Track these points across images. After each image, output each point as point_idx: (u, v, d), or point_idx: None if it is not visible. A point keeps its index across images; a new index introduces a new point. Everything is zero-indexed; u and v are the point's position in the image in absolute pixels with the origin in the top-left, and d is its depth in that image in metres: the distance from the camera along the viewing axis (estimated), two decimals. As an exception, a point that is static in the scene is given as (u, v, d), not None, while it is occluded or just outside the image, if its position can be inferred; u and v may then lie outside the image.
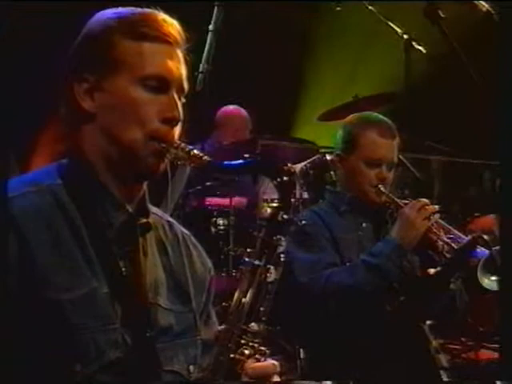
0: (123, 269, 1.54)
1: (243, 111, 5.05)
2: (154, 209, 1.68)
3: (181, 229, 1.74)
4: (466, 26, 3.47)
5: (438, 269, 2.73)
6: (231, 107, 5.09)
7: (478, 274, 2.62)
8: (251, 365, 1.48)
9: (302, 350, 2.97)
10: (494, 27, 1.75)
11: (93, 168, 1.57)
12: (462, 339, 3.61)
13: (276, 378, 1.52)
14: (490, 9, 1.84)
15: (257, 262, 1.50)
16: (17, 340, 1.43)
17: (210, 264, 1.77)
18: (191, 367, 1.62)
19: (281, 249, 1.50)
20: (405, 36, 4.50)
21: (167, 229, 1.70)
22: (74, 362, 1.44)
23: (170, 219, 1.74)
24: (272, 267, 1.50)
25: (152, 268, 1.61)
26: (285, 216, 1.51)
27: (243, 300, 1.49)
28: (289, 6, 5.49)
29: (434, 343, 2.46)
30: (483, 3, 1.86)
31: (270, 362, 1.51)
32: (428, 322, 2.53)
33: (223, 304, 2.95)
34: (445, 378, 2.42)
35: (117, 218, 1.56)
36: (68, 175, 1.57)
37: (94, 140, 1.57)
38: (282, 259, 1.51)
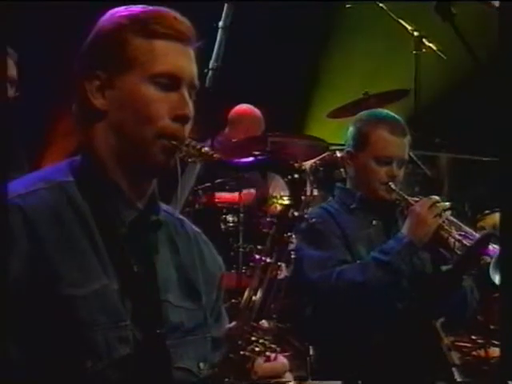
0: (134, 266, 1.54)
1: (257, 111, 5.03)
2: (164, 206, 1.68)
3: (191, 226, 1.74)
4: (478, 22, 3.45)
5: (451, 266, 2.72)
6: (244, 106, 5.07)
7: (491, 271, 2.60)
8: (261, 365, 1.48)
9: (311, 348, 2.97)
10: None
11: (104, 165, 1.57)
12: (472, 337, 3.60)
13: (287, 376, 1.52)
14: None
15: (268, 259, 1.50)
16: (27, 336, 1.44)
17: (220, 261, 1.77)
18: (201, 364, 1.61)
19: (291, 246, 1.50)
20: (415, 33, 4.50)
21: (178, 226, 1.70)
22: (84, 359, 1.45)
23: (181, 217, 1.74)
24: (283, 264, 1.50)
25: (162, 265, 1.61)
26: (296, 213, 1.51)
27: (254, 297, 1.49)
28: (300, 3, 5.47)
29: (446, 340, 2.45)
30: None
31: (280, 361, 1.51)
32: (440, 320, 2.52)
33: (233, 301, 2.95)
34: (456, 376, 2.42)
35: (128, 215, 1.57)
36: (79, 172, 1.58)
37: (105, 137, 1.57)
38: (292, 256, 1.51)
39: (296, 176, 1.51)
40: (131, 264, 1.54)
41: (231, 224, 4.30)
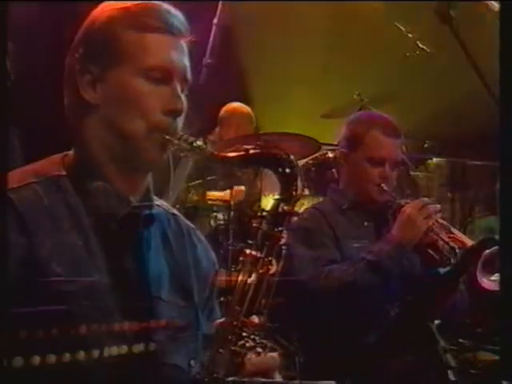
0: (125, 261, 1.54)
1: (247, 108, 5.02)
2: (159, 201, 1.68)
3: (186, 222, 1.74)
4: (477, 26, 3.46)
5: (448, 269, 2.71)
6: (235, 104, 5.06)
7: (478, 273, 2.60)
8: (251, 360, 1.48)
9: (300, 347, 2.96)
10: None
11: (97, 159, 1.56)
12: (460, 340, 3.60)
13: (276, 373, 1.52)
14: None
15: (258, 254, 1.49)
16: (16, 331, 1.42)
17: (214, 259, 1.77)
18: (192, 361, 1.61)
19: (282, 241, 1.49)
20: (410, 35, 4.53)
21: (172, 222, 1.69)
22: (74, 354, 1.44)
23: (176, 212, 1.73)
24: (273, 259, 1.49)
25: (155, 261, 1.60)
26: (286, 208, 1.50)
27: (244, 292, 1.48)
28: (294, 1, 5.47)
29: (442, 343, 2.44)
30: (494, 3, 1.85)
31: (270, 355, 1.51)
32: (436, 322, 2.52)
33: (222, 299, 2.94)
34: (452, 378, 2.41)
35: (120, 209, 1.55)
36: (72, 166, 1.57)
37: (97, 131, 1.56)
38: (283, 251, 1.50)
39: (287, 170, 1.50)
40: (123, 259, 1.53)
41: (221, 222, 4.29)
